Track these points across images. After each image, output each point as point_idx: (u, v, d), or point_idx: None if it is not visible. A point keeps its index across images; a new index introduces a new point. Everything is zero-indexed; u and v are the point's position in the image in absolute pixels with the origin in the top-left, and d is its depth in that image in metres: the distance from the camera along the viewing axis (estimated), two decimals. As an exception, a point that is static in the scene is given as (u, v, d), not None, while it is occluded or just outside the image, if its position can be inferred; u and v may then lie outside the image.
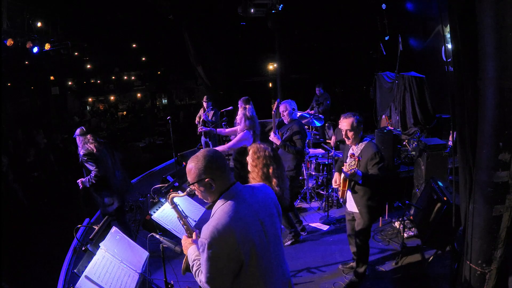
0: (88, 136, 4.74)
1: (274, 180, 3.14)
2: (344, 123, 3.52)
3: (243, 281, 1.76)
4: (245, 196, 1.84)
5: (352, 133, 3.51)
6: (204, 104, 8.46)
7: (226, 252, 1.69)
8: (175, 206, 2.21)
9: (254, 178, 3.13)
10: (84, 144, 4.71)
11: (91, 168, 4.52)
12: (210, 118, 8.24)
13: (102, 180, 4.62)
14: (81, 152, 4.66)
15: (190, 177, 1.84)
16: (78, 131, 4.79)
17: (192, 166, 1.82)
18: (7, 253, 5.35)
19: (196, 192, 1.90)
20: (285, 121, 4.82)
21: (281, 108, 4.78)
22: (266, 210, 1.90)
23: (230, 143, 4.95)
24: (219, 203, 1.81)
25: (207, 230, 1.71)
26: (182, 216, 2.23)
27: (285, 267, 1.99)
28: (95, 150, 4.63)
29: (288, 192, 3.43)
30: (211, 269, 1.70)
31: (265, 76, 16.62)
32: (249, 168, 3.20)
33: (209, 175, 1.80)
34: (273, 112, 4.93)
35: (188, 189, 2.03)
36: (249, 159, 3.21)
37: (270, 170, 3.12)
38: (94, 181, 4.52)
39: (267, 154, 3.19)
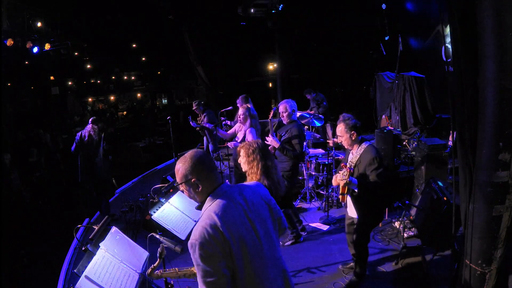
0: (96, 127, 6.10)
1: (272, 170, 3.13)
2: (337, 129, 3.52)
3: (237, 283, 1.74)
4: (233, 195, 1.84)
5: (343, 138, 3.48)
6: (196, 111, 8.32)
7: (219, 250, 1.67)
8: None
9: (254, 174, 3.11)
10: (87, 130, 6.08)
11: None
12: (202, 122, 8.13)
13: (79, 158, 6.11)
14: (80, 132, 6.11)
15: (178, 178, 1.87)
16: (92, 119, 6.22)
17: (180, 166, 1.84)
18: (7, 253, 5.35)
19: (184, 193, 1.91)
20: (284, 122, 4.75)
21: (281, 108, 4.71)
22: (256, 209, 1.88)
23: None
24: (207, 203, 1.81)
25: (196, 230, 1.70)
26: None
27: (282, 267, 1.95)
28: (86, 138, 6.02)
29: (283, 181, 3.44)
30: (208, 271, 1.66)
31: (265, 76, 16.64)
32: (245, 166, 3.17)
33: (195, 176, 1.81)
34: (269, 119, 4.87)
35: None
36: (242, 158, 3.19)
37: (268, 162, 3.11)
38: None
39: (260, 146, 3.18)
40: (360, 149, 3.45)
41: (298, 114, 7.41)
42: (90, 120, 6.27)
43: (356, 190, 3.34)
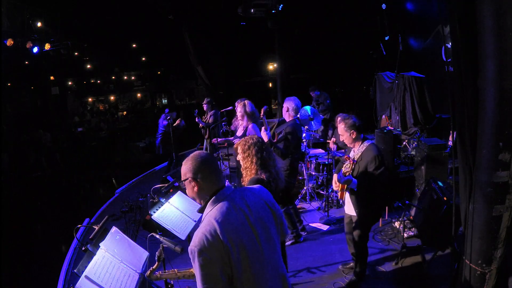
0: (165, 116, 7.94)
1: (270, 163, 3.12)
2: (338, 129, 3.55)
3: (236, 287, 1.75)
4: (235, 200, 1.83)
5: (344, 136, 3.50)
6: (204, 107, 8.38)
7: (217, 257, 1.67)
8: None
9: (249, 169, 3.10)
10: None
11: None
12: (207, 121, 8.18)
13: None
14: None
15: (182, 178, 1.91)
16: (167, 109, 8.23)
17: (184, 167, 1.88)
18: (7, 253, 5.36)
19: (187, 191, 1.93)
20: (286, 119, 4.79)
21: (285, 106, 4.76)
22: (258, 214, 1.87)
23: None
24: (209, 207, 1.81)
25: (196, 237, 1.71)
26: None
27: (282, 271, 1.94)
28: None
29: (282, 173, 3.43)
30: (206, 277, 1.67)
31: (265, 76, 16.62)
32: (242, 163, 3.16)
33: (198, 175, 1.83)
34: (261, 116, 4.91)
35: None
36: (239, 155, 3.18)
37: (265, 155, 3.09)
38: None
39: (256, 140, 3.17)
40: (362, 147, 3.48)
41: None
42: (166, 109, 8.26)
43: (355, 190, 3.37)
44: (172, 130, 7.88)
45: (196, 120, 8.06)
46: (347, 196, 3.62)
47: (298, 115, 4.87)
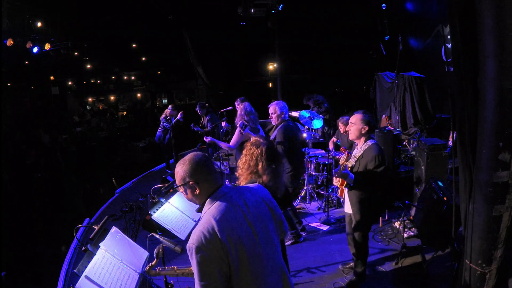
0: (167, 111, 8.22)
1: (265, 176, 3.10)
2: (352, 117, 3.53)
3: (234, 286, 1.74)
4: (232, 198, 1.83)
5: (354, 126, 3.49)
6: (198, 112, 8.32)
7: (215, 255, 1.68)
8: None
9: (240, 168, 3.09)
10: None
11: None
12: (205, 126, 8.15)
13: None
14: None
15: (177, 180, 1.88)
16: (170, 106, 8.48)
17: (179, 169, 1.85)
18: (7, 253, 5.36)
19: (183, 195, 1.91)
20: (273, 123, 4.78)
21: (270, 109, 4.75)
22: (257, 212, 1.87)
23: (231, 143, 4.99)
24: (207, 206, 1.81)
25: (194, 234, 1.71)
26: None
27: (281, 269, 1.94)
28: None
29: (282, 189, 3.42)
30: (203, 275, 1.68)
31: (265, 76, 16.60)
32: (241, 165, 3.15)
33: (193, 178, 1.81)
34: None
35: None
36: (244, 151, 3.18)
37: (259, 167, 3.07)
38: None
39: (260, 151, 3.14)
40: (365, 145, 3.48)
41: (297, 114, 7.41)
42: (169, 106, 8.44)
43: (351, 185, 3.39)
44: (172, 129, 7.98)
45: (195, 130, 8.04)
46: (345, 194, 3.63)
47: (297, 115, 4.88)
